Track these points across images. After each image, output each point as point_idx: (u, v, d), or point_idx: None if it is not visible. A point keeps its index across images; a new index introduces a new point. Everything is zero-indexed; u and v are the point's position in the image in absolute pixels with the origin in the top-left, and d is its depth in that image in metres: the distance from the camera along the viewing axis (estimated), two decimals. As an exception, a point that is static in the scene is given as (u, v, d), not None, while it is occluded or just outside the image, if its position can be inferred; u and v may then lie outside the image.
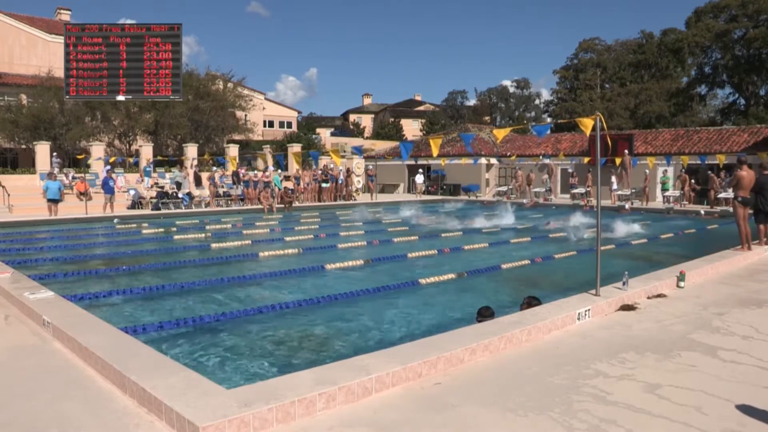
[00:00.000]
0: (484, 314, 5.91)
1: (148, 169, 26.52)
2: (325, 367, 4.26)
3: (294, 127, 53.36)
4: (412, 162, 35.03)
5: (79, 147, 30.15)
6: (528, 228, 16.93)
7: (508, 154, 31.52)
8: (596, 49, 54.51)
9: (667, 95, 48.00)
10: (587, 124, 6.61)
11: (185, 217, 20.05)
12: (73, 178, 23.97)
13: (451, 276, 9.08)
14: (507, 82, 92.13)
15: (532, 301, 6.25)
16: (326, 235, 14.94)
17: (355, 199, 28.78)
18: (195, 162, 26.29)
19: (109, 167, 23.30)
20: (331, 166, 29.35)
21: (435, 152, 10.62)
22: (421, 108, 72.96)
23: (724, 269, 9.01)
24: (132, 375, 4.03)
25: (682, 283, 7.64)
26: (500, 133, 8.37)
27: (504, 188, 30.75)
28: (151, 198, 22.56)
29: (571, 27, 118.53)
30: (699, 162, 24.21)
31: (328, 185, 27.35)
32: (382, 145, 44.53)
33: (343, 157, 37.10)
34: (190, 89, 33.70)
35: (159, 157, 26.67)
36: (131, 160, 25.80)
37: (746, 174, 10.29)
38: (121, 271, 10.01)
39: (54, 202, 18.88)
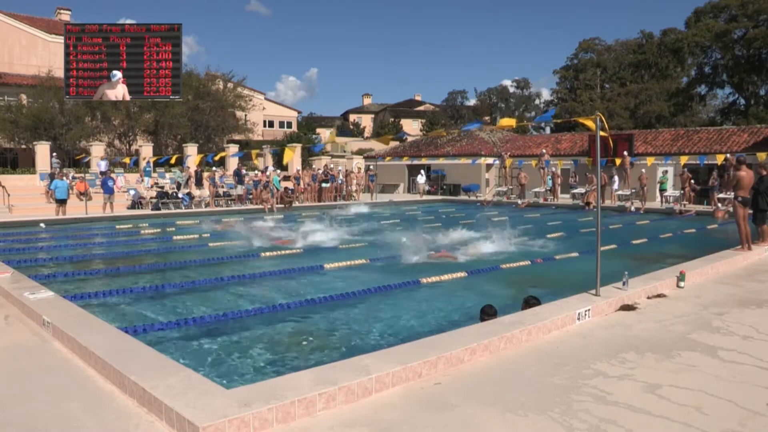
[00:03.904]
0: (488, 312, 5.92)
1: (148, 169, 26.54)
2: (325, 367, 4.26)
3: (294, 127, 53.36)
4: (415, 161, 35.11)
5: (79, 147, 30.17)
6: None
7: (507, 153, 31.47)
8: (596, 49, 54.49)
9: (667, 95, 47.98)
10: (592, 124, 6.61)
11: (185, 217, 20.04)
12: (73, 178, 23.99)
13: (450, 276, 9.08)
14: (507, 82, 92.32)
15: (531, 301, 6.25)
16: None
17: (355, 199, 28.79)
18: (191, 160, 26.27)
19: (105, 167, 23.34)
20: (331, 166, 29.36)
21: (443, 134, 11.14)
22: (421, 108, 72.91)
23: (724, 269, 9.00)
24: (132, 375, 4.03)
25: (682, 283, 7.63)
26: (505, 123, 8.38)
27: (504, 188, 30.76)
28: (151, 198, 22.58)
29: (571, 27, 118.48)
30: (698, 162, 24.20)
31: (328, 185, 27.36)
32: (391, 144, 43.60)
33: (342, 156, 37.22)
34: (190, 89, 33.70)
35: (152, 159, 26.52)
36: (128, 160, 25.77)
37: (746, 174, 10.29)
38: (121, 271, 10.01)
39: (62, 202, 18.89)
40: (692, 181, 23.70)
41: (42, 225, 16.96)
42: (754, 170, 10.51)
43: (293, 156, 32.90)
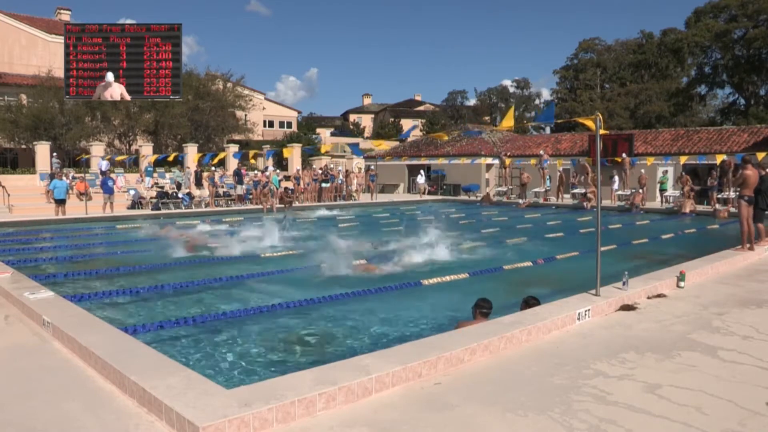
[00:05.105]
0: (483, 306, 5.95)
1: (149, 169, 26.57)
2: (325, 367, 4.26)
3: (294, 127, 53.36)
4: (415, 161, 35.10)
5: (79, 147, 30.19)
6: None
7: (505, 153, 31.42)
8: (596, 49, 54.53)
9: (667, 95, 48.00)
10: (592, 125, 6.62)
11: (185, 217, 20.04)
12: (73, 178, 24.00)
13: (451, 277, 9.08)
14: (507, 82, 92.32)
15: (531, 301, 6.25)
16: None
17: (355, 199, 28.78)
18: (191, 160, 26.30)
19: (106, 167, 23.29)
20: (331, 166, 29.35)
21: (445, 137, 10.86)
22: (421, 108, 72.87)
23: (724, 269, 9.00)
24: (132, 375, 4.03)
25: (682, 283, 7.63)
26: (507, 122, 8.40)
27: (504, 188, 30.74)
28: (151, 198, 22.58)
29: (571, 27, 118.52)
30: (698, 162, 24.20)
31: (328, 185, 27.35)
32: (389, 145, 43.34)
33: (342, 156, 37.23)
34: (190, 89, 33.71)
35: (151, 159, 26.48)
36: (124, 158, 25.76)
37: (752, 173, 10.26)
38: (121, 271, 10.00)
39: (61, 202, 18.89)
40: (690, 183, 23.61)
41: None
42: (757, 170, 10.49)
43: (292, 155, 32.93)
